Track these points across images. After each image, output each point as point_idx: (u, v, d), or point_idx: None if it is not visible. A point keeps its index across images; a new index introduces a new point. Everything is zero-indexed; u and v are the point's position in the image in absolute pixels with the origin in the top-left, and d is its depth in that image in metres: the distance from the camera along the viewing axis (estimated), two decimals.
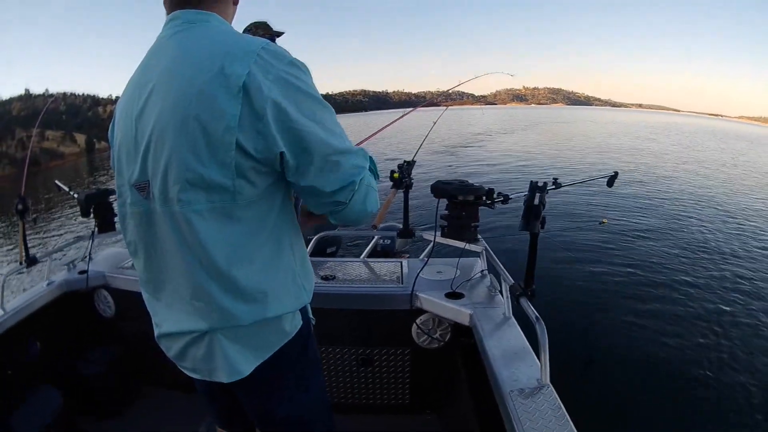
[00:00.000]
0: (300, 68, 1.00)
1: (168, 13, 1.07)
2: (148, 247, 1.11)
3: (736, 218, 10.61)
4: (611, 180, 2.47)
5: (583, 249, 7.71)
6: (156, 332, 1.20)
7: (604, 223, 9.20)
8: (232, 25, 1.16)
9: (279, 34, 2.39)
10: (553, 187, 2.27)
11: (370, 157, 1.16)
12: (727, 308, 5.57)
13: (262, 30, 2.35)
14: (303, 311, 1.23)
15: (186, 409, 2.35)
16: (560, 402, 1.36)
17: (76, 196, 2.78)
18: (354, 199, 1.07)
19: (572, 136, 38.05)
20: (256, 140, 0.94)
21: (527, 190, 1.78)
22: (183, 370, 1.23)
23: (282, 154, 0.97)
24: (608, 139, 35.48)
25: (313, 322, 1.33)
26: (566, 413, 1.31)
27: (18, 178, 2.91)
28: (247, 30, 2.34)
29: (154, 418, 2.57)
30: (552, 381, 1.46)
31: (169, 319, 1.15)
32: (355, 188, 1.06)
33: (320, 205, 1.10)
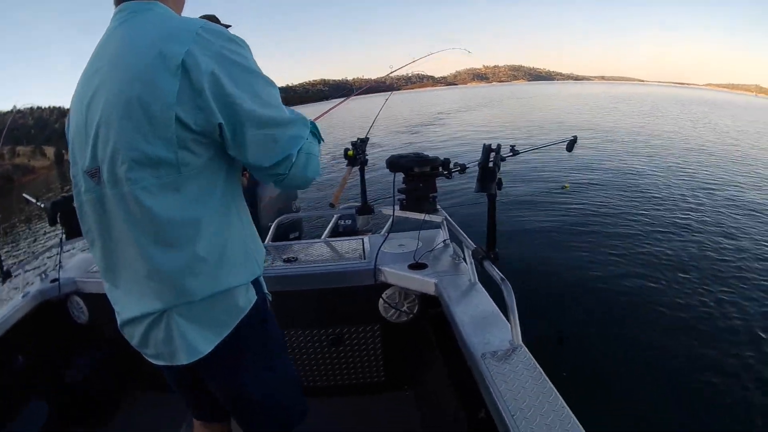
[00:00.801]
0: (239, 44, 1.02)
1: (116, 5, 1.08)
2: (103, 234, 1.11)
3: (692, 174, 11.07)
4: (571, 144, 2.44)
5: (547, 214, 7.81)
6: (118, 321, 1.20)
7: (566, 188, 9.32)
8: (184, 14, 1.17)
9: (226, 27, 2.34)
10: (511, 154, 2.24)
11: (312, 122, 1.19)
12: (693, 262, 5.73)
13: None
14: (257, 286, 1.23)
15: (174, 408, 2.27)
16: (535, 361, 1.33)
17: (42, 205, 2.72)
18: (292, 170, 1.10)
19: (531, 111, 38.36)
20: (196, 114, 0.96)
21: (481, 154, 1.76)
22: (147, 357, 1.21)
23: (221, 125, 0.99)
24: (568, 111, 35.92)
25: (269, 298, 1.32)
26: (542, 372, 1.28)
27: None
28: None
29: (143, 421, 2.51)
30: (526, 343, 1.42)
31: (128, 305, 1.15)
32: (293, 161, 1.09)
33: (262, 177, 1.14)
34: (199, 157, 1.02)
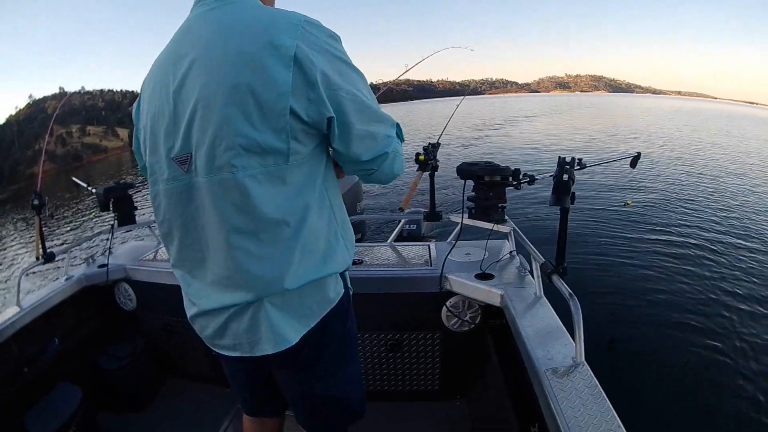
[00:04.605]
0: (337, 40, 0.99)
1: None
2: (185, 223, 1.06)
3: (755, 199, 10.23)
4: (634, 161, 2.32)
5: (608, 230, 7.47)
6: (190, 312, 1.15)
7: (629, 204, 8.91)
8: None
9: None
10: (578, 167, 2.14)
11: (397, 123, 1.18)
12: (760, 290, 5.30)
13: None
14: (343, 279, 1.19)
15: (209, 402, 2.28)
16: (596, 380, 1.27)
17: (94, 191, 2.68)
18: (384, 165, 1.12)
19: (604, 121, 37.39)
20: (308, 107, 0.93)
21: (556, 166, 1.66)
22: (219, 349, 1.15)
23: (330, 119, 0.96)
24: (640, 124, 34.76)
25: (352, 292, 1.28)
26: (602, 391, 1.22)
27: (58, 173, 2.81)
28: None
29: (177, 412, 2.44)
30: (586, 359, 1.36)
31: (208, 295, 1.08)
32: (387, 158, 1.11)
33: (355, 170, 1.15)
34: (306, 147, 0.98)
